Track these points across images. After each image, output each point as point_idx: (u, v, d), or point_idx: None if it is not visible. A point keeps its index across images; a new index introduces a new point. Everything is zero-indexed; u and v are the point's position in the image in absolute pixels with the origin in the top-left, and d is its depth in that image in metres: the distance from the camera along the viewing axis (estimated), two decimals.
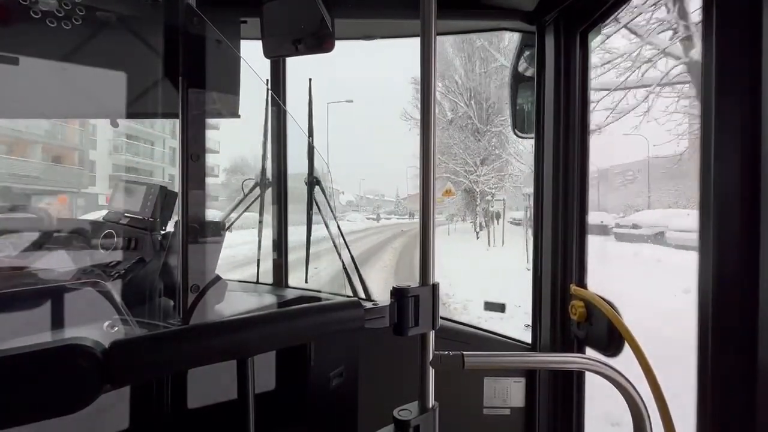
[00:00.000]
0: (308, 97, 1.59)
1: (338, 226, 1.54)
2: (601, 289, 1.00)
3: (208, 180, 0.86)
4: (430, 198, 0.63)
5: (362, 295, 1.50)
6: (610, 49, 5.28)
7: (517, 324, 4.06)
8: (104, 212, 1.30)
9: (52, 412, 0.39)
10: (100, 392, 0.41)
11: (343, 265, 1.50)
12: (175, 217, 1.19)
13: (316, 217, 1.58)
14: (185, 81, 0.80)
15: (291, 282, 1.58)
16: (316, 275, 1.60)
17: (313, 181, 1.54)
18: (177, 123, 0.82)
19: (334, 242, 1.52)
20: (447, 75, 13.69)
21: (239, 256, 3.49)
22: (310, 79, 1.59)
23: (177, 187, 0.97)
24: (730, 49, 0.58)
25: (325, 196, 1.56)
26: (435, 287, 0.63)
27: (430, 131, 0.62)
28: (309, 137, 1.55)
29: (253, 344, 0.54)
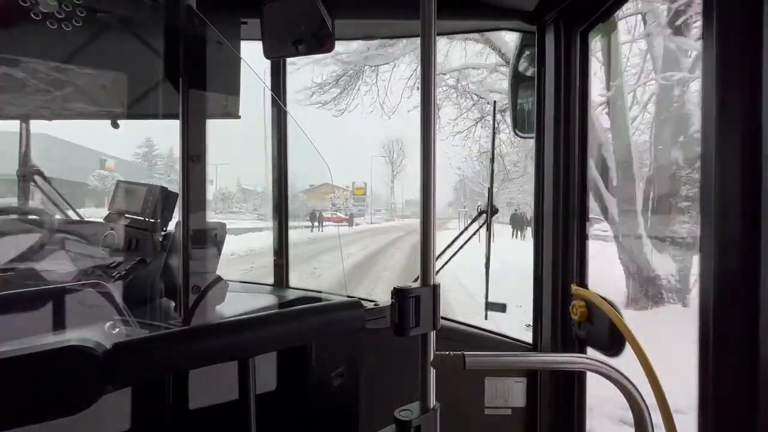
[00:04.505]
0: None
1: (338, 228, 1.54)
2: None
3: None
4: (430, 198, 0.62)
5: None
6: None
7: None
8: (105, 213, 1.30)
9: (54, 413, 0.40)
10: (102, 393, 0.41)
11: (344, 265, 1.50)
12: (176, 217, 1.19)
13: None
14: (185, 82, 0.80)
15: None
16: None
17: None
18: None
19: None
20: None
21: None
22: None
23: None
24: (731, 51, 0.58)
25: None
26: (436, 288, 0.63)
27: (431, 131, 0.62)
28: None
29: (255, 345, 0.54)
